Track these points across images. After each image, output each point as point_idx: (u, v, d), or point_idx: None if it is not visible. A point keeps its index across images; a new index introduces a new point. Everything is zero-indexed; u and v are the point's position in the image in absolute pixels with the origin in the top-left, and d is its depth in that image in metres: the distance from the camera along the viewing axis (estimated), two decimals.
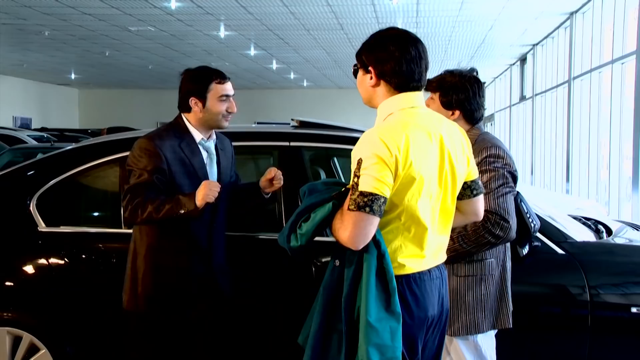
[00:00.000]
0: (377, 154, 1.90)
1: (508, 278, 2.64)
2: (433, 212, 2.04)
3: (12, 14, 11.35)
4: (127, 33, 13.18)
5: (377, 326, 1.90)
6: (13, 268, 3.09)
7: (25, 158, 9.54)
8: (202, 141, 2.71)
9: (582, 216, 4.07)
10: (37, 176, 3.24)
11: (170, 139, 2.63)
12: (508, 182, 2.50)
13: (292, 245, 2.01)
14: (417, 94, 2.08)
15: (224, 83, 2.70)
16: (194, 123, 2.70)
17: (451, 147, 2.07)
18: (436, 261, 2.10)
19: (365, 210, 1.88)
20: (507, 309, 2.61)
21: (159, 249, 2.62)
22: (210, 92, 2.66)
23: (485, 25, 12.31)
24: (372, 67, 2.05)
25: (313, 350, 1.98)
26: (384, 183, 1.89)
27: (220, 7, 10.74)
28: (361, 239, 1.90)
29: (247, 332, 3.03)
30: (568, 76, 11.80)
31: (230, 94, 2.72)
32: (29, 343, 3.00)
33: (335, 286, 1.99)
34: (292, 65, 18.22)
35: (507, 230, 2.44)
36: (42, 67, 19.12)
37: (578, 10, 11.26)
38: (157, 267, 2.62)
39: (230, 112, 2.71)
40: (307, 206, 2.01)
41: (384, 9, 10.77)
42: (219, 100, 2.67)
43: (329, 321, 1.99)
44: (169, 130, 2.69)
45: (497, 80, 21.51)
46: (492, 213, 2.42)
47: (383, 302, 1.93)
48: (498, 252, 2.59)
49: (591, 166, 10.67)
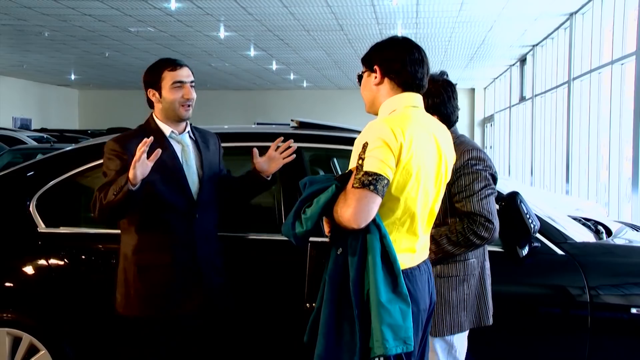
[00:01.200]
0: (382, 138, 1.97)
1: (487, 277, 2.66)
2: (425, 209, 2.11)
3: (12, 14, 11.36)
4: (127, 34, 13.20)
5: (388, 307, 1.93)
6: (13, 269, 3.09)
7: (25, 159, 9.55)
8: (172, 134, 2.67)
9: (582, 217, 4.08)
10: (37, 177, 3.23)
11: (137, 138, 2.57)
12: (490, 184, 2.53)
13: (297, 232, 2.04)
14: (419, 96, 2.17)
15: (177, 70, 2.64)
16: (160, 117, 2.68)
17: (445, 151, 2.17)
18: (423, 256, 2.17)
19: (370, 188, 1.92)
20: (487, 307, 2.64)
21: (142, 248, 2.61)
22: (163, 80, 2.63)
23: (485, 26, 12.32)
24: (378, 66, 2.14)
25: (327, 339, 2.00)
26: (388, 166, 1.96)
27: (220, 8, 10.75)
28: (363, 216, 1.93)
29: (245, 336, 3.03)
30: (568, 77, 11.81)
31: (184, 81, 2.64)
32: (28, 344, 2.99)
33: (340, 273, 2.01)
34: (292, 66, 18.22)
35: (492, 232, 2.47)
36: (42, 67, 19.14)
37: (578, 11, 11.27)
38: (143, 266, 2.60)
39: (187, 99, 2.64)
40: (309, 194, 2.04)
41: (384, 9, 10.78)
42: (172, 88, 2.62)
43: (338, 309, 2.00)
44: (137, 130, 2.69)
45: (496, 81, 21.52)
46: (477, 215, 2.45)
47: (390, 284, 1.97)
48: (478, 252, 2.61)
49: (591, 167, 10.68)
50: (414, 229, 2.08)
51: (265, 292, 3.02)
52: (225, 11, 10.97)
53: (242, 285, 2.98)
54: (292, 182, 3.06)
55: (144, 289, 2.60)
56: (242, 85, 23.00)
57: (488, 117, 23.34)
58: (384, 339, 1.91)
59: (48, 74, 21.01)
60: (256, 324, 3.02)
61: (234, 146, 3.24)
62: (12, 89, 21.94)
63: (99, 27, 12.48)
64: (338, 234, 2.04)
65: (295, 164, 3.08)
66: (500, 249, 2.94)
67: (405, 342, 1.94)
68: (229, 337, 2.94)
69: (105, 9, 10.81)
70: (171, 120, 2.68)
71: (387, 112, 2.12)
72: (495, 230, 2.48)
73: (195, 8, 10.72)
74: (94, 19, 11.76)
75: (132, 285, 2.61)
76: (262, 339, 3.05)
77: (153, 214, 2.59)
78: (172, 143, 2.66)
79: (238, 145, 3.28)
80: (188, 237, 2.63)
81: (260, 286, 3.03)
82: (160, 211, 2.60)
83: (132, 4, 10.53)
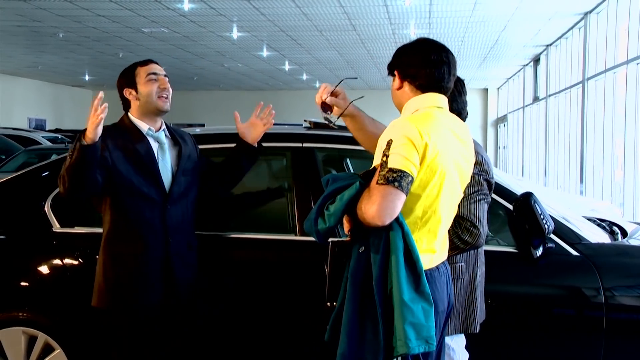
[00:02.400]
0: (407, 136, 1.97)
1: (478, 284, 2.63)
2: (446, 209, 2.10)
3: (27, 16, 11.46)
4: (140, 34, 13.27)
5: (411, 305, 1.93)
6: (28, 268, 3.11)
7: (39, 159, 9.67)
8: (149, 132, 2.73)
9: (597, 217, 4.05)
10: (52, 177, 3.22)
11: (115, 129, 2.70)
12: (483, 189, 2.50)
13: (320, 228, 2.04)
14: (442, 97, 2.18)
15: (149, 64, 2.75)
16: (137, 115, 2.74)
17: (468, 152, 2.19)
18: (442, 257, 2.17)
19: (394, 184, 1.92)
20: (474, 314, 2.60)
21: (115, 236, 2.66)
22: (137, 76, 2.71)
23: (498, 26, 12.26)
24: (397, 71, 2.19)
25: (350, 338, 2.00)
26: (412, 163, 1.96)
27: (233, 9, 10.78)
28: (388, 212, 1.92)
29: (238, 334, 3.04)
30: (582, 77, 11.72)
31: (158, 72, 2.74)
32: (43, 343, 3.02)
33: (363, 271, 2.01)
34: (305, 66, 18.26)
35: (476, 237, 2.41)
36: (56, 68, 19.29)
37: (592, 11, 11.18)
38: (114, 254, 2.66)
39: (163, 89, 2.72)
40: (332, 190, 2.05)
41: (397, 9, 10.77)
42: (147, 80, 2.70)
43: (361, 307, 2.01)
44: (113, 124, 2.74)
45: (510, 81, 21.40)
46: (462, 219, 2.41)
47: (412, 283, 1.97)
48: (469, 257, 2.59)
49: (605, 167, 10.60)
50: (434, 229, 2.08)
51: (281, 293, 3.01)
52: (238, 12, 11.00)
53: (256, 287, 3.00)
54: (304, 183, 3.07)
55: (113, 279, 2.64)
56: (255, 85, 23.04)
57: (501, 118, 23.23)
58: (407, 338, 1.91)
59: (62, 75, 21.17)
60: (275, 324, 3.02)
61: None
62: (28, 90, 22.11)
63: (113, 28, 12.56)
64: (360, 232, 2.03)
65: (308, 165, 3.12)
66: (514, 249, 2.93)
67: (428, 341, 1.95)
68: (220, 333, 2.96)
69: (119, 9, 10.88)
70: (149, 116, 2.74)
71: (410, 111, 2.14)
72: (480, 236, 2.42)
73: (209, 9, 10.76)
74: (108, 20, 11.85)
75: (103, 275, 2.66)
76: (280, 338, 3.04)
77: (126, 203, 2.65)
78: (149, 139, 2.72)
79: None
80: (159, 226, 2.67)
81: (274, 287, 3.02)
82: (132, 200, 2.65)
83: (146, 5, 10.59)
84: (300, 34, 13.04)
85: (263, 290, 3.02)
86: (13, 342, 3.02)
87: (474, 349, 2.71)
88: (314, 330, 2.79)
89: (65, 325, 3.03)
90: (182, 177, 2.74)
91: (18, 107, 21.51)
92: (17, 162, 10.33)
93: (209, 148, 3.17)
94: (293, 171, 3.12)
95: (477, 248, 2.53)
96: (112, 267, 2.65)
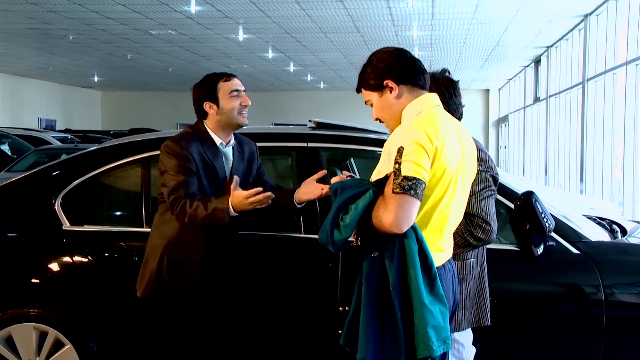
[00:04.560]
0: (418, 142, 1.96)
1: (485, 277, 2.66)
2: (451, 207, 2.10)
3: (38, 18, 11.61)
4: (148, 36, 13.38)
5: (431, 308, 1.95)
6: (39, 266, 3.13)
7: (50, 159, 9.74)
8: (220, 146, 2.76)
9: (597, 216, 4.04)
10: (62, 176, 3.28)
11: (194, 141, 2.70)
12: (490, 185, 2.52)
13: (337, 239, 2.03)
14: (436, 95, 2.18)
15: (231, 79, 2.75)
16: (212, 128, 2.76)
17: (468, 149, 2.18)
18: (448, 255, 2.18)
19: (410, 193, 1.92)
20: (485, 307, 2.64)
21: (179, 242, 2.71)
22: (220, 91, 2.72)
23: (499, 27, 12.33)
24: (389, 80, 2.13)
25: (368, 342, 1.99)
26: (424, 169, 1.95)
27: (239, 11, 10.89)
28: (405, 220, 1.92)
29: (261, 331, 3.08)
30: (582, 78, 11.77)
31: (240, 89, 2.76)
32: (54, 339, 3.06)
33: (378, 276, 2.00)
34: (309, 67, 18.31)
35: (489, 233, 2.44)
36: (66, 70, 19.37)
37: (592, 13, 11.23)
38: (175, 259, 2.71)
39: (244, 106, 2.75)
40: (344, 200, 2.04)
41: (400, 11, 10.86)
42: (230, 96, 2.72)
43: (379, 312, 2.00)
44: (192, 133, 2.75)
45: (511, 82, 21.40)
46: (474, 216, 2.43)
47: (428, 286, 1.97)
48: (477, 252, 2.61)
49: (605, 167, 10.65)
50: (441, 228, 2.08)
51: (287, 290, 3.04)
52: (244, 14, 11.11)
53: (262, 284, 3.03)
54: None
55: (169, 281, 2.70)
56: (260, 86, 23.12)
57: (502, 118, 23.26)
58: (430, 341, 1.92)
59: (72, 76, 21.26)
60: (282, 322, 3.06)
61: None
62: (38, 91, 22.21)
63: (121, 30, 12.68)
64: (372, 238, 2.02)
65: (313, 164, 3.12)
66: (515, 247, 2.95)
67: (445, 341, 1.96)
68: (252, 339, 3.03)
69: (127, 12, 11.00)
70: (225, 130, 2.76)
71: (413, 114, 2.10)
72: (492, 232, 2.45)
73: (215, 11, 10.87)
74: (116, 22, 11.97)
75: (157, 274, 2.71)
76: (288, 338, 3.08)
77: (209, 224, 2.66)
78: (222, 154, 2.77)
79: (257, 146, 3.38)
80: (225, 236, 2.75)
81: (280, 284, 3.06)
82: None
83: (154, 8, 10.71)
84: (305, 35, 13.12)
85: (269, 287, 3.06)
86: (24, 338, 3.07)
87: (478, 344, 2.72)
88: (323, 330, 2.87)
89: (75, 321, 3.07)
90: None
91: (29, 107, 21.65)
92: (28, 162, 10.40)
93: None
94: (298, 170, 3.14)
95: (489, 244, 2.53)
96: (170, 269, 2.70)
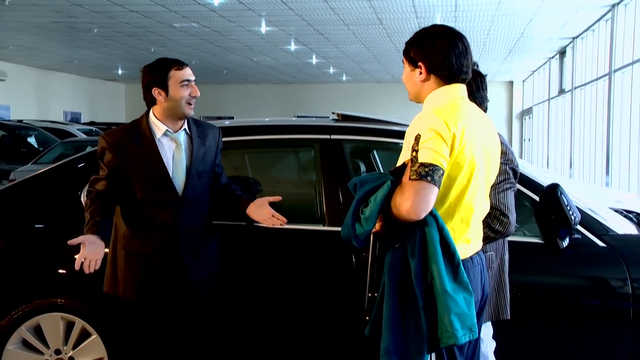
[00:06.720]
0: (435, 130, 1.96)
1: (506, 270, 2.66)
2: (477, 198, 2.10)
3: (64, 12, 11.76)
4: (171, 29, 13.48)
5: (454, 296, 1.94)
6: (66, 257, 3.09)
7: (75, 151, 9.86)
8: (168, 133, 2.71)
9: (623, 209, 4.00)
10: (87, 168, 3.27)
11: (126, 133, 2.69)
12: (509, 178, 2.51)
13: (359, 233, 2.04)
14: (464, 86, 2.17)
15: (183, 69, 2.70)
16: (160, 115, 2.71)
17: (493, 140, 2.19)
18: (477, 247, 2.17)
19: (427, 179, 1.92)
20: (505, 300, 2.64)
21: (130, 234, 2.72)
22: (170, 79, 2.67)
23: (524, 18, 12.22)
24: (422, 62, 2.12)
25: (392, 332, 1.99)
26: (442, 156, 1.95)
27: (261, 3, 10.93)
28: (423, 207, 1.92)
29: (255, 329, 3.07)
30: (609, 69, 11.64)
31: (191, 79, 2.71)
32: (81, 328, 3.10)
33: (400, 266, 2.01)
34: (332, 60, 18.30)
35: (506, 226, 2.44)
36: (91, 63, 19.58)
37: (620, 2, 11.09)
38: (130, 251, 2.72)
39: (193, 97, 2.71)
40: (364, 194, 2.05)
41: (423, 3, 10.82)
42: (181, 85, 2.67)
43: (401, 301, 2.00)
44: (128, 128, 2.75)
45: (535, 73, 21.21)
46: (492, 208, 2.40)
47: (451, 274, 1.97)
48: (497, 245, 2.61)
49: (632, 159, 10.55)
50: (467, 219, 2.07)
51: (310, 283, 3.03)
52: (267, 6, 11.15)
53: (284, 277, 3.03)
54: (332, 174, 3.10)
55: (128, 272, 2.71)
56: (283, 79, 23.17)
57: (527, 110, 23.08)
58: (454, 329, 1.92)
59: (97, 69, 21.49)
60: (305, 316, 3.05)
61: (275, 139, 3.36)
62: (64, 84, 22.47)
63: (145, 23, 12.79)
64: (394, 228, 2.02)
65: (336, 156, 3.13)
66: (540, 240, 2.93)
67: (471, 329, 1.96)
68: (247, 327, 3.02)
69: (151, 5, 11.11)
70: (172, 119, 2.71)
71: (434, 104, 2.10)
72: (510, 225, 2.44)
73: (238, 4, 10.92)
74: (140, 16, 12.08)
75: (118, 267, 2.73)
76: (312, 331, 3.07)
77: (140, 207, 2.70)
78: (163, 142, 2.71)
79: (280, 138, 3.38)
80: (171, 229, 2.69)
81: (303, 278, 3.05)
82: (147, 205, 2.69)
83: (177, 1, 10.79)
84: (328, 28, 13.12)
85: (292, 280, 3.04)
86: (52, 327, 3.11)
87: (500, 338, 2.72)
88: (348, 321, 2.85)
89: (101, 311, 3.09)
90: (196, 180, 2.73)
91: (55, 100, 21.93)
92: (54, 154, 10.54)
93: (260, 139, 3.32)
94: (321, 162, 3.15)
95: (508, 236, 2.53)
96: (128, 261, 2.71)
